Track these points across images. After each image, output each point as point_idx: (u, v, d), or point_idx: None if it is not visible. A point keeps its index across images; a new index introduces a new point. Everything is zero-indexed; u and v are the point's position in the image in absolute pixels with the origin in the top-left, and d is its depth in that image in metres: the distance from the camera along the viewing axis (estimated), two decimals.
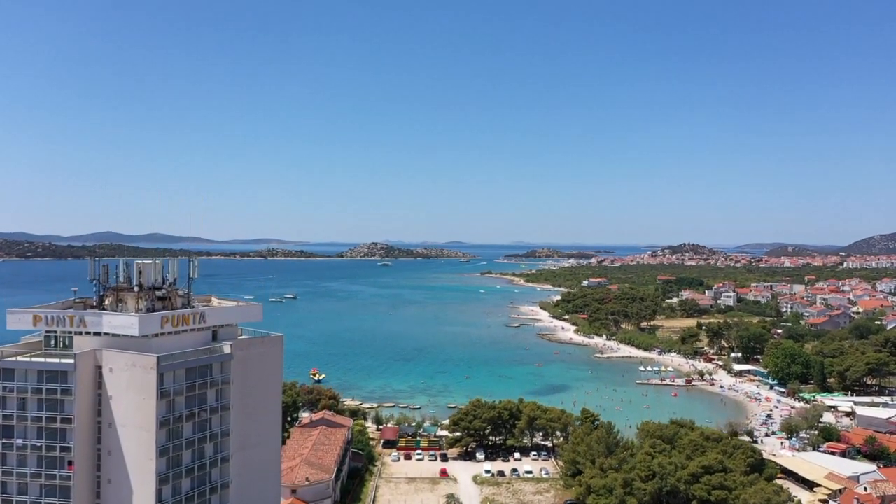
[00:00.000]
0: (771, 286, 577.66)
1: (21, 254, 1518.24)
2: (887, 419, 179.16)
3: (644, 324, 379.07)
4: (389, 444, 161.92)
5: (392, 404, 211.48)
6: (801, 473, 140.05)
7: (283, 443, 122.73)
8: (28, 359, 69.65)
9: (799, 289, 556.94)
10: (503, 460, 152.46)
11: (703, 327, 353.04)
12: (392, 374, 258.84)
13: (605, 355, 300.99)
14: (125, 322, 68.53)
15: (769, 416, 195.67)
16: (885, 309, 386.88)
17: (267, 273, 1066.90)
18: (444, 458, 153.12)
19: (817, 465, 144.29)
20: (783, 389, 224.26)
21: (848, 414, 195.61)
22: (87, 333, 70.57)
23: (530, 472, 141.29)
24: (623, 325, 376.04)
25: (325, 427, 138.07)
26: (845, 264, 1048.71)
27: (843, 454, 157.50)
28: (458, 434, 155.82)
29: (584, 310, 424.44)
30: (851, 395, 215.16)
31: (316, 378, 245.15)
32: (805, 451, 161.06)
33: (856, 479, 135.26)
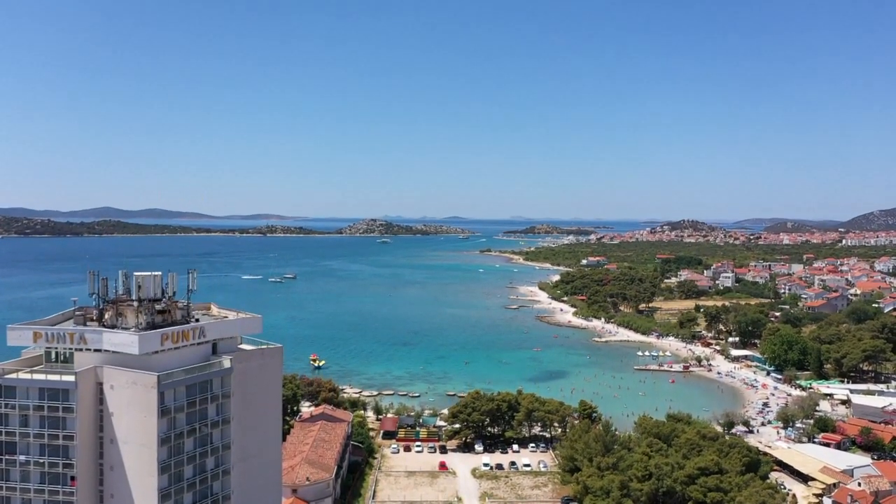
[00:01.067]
0: (769, 265, 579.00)
1: (20, 231, 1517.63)
2: (882, 408, 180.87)
3: (642, 306, 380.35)
4: (389, 436, 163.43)
5: (391, 392, 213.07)
6: (796, 467, 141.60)
7: (284, 439, 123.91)
8: (29, 376, 69.97)
9: (797, 268, 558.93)
10: (502, 452, 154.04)
11: (702, 310, 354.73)
12: (391, 360, 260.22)
13: (603, 339, 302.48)
14: (125, 340, 68.81)
15: (765, 405, 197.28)
16: (882, 291, 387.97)
17: (266, 251, 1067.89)
18: (444, 450, 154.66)
19: (812, 457, 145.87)
20: (780, 376, 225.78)
21: (844, 402, 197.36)
22: (88, 350, 70.83)
23: (528, 466, 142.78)
24: (622, 307, 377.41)
25: (326, 422, 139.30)
26: (844, 242, 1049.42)
27: (839, 445, 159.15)
28: (457, 426, 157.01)
29: (582, 291, 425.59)
30: (848, 383, 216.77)
31: (316, 364, 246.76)
32: (801, 441, 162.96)
33: (850, 472, 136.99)
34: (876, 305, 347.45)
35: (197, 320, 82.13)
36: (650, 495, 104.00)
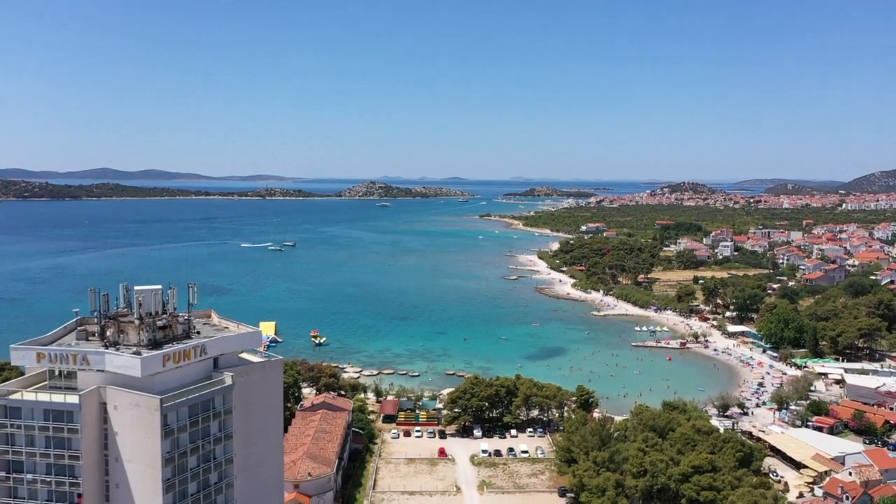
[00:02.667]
0: (769, 233, 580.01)
1: (18, 194, 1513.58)
2: (876, 389, 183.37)
3: (641, 277, 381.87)
4: (389, 419, 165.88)
5: (391, 371, 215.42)
6: (789, 453, 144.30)
7: (285, 429, 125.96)
8: (34, 397, 70.96)
9: (797, 236, 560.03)
10: (500, 437, 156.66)
11: (700, 281, 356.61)
12: (391, 336, 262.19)
13: (601, 313, 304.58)
14: (128, 363, 69.58)
15: (760, 385, 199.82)
16: (880, 262, 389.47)
17: (265, 215, 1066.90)
18: (443, 435, 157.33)
19: (805, 443, 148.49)
20: (776, 354, 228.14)
21: (838, 382, 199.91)
22: (91, 370, 71.73)
23: (526, 452, 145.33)
24: (620, 279, 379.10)
25: (327, 411, 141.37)
26: (844, 206, 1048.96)
27: (831, 429, 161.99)
28: (456, 411, 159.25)
29: (581, 261, 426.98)
30: (842, 361, 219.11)
31: (317, 341, 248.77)
32: (794, 425, 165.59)
33: (841, 460, 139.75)
34: (873, 277, 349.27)
35: (198, 332, 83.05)
36: (645, 492, 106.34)
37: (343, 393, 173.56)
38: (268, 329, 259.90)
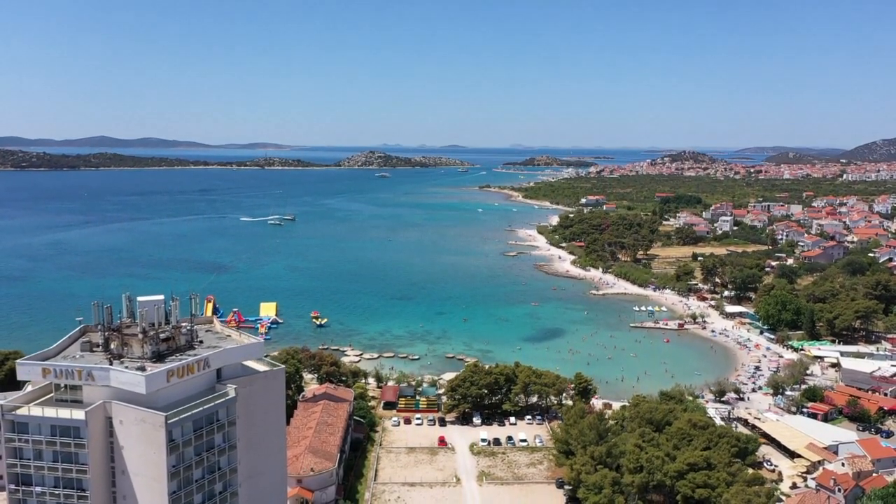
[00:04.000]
0: (768, 206, 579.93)
1: (15, 164, 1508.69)
2: (871, 374, 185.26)
3: (640, 254, 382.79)
4: (390, 406, 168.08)
5: (392, 354, 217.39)
6: (783, 442, 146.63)
7: (287, 421, 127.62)
8: (40, 413, 72.16)
9: (796, 210, 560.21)
10: (499, 424, 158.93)
11: (700, 258, 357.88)
12: (391, 317, 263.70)
13: (600, 292, 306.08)
14: (132, 380, 70.57)
15: (757, 368, 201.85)
16: (879, 239, 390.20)
17: (264, 186, 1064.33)
18: (443, 423, 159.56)
19: (799, 431, 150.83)
20: (773, 336, 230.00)
21: (834, 365, 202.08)
22: (96, 385, 72.86)
23: (525, 441, 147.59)
24: (619, 255, 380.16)
25: (328, 401, 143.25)
26: (845, 176, 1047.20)
27: (826, 416, 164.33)
28: (456, 398, 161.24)
29: (581, 237, 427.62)
30: (839, 344, 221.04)
31: (318, 322, 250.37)
32: (790, 411, 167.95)
33: (835, 449, 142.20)
34: (872, 255, 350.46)
35: (201, 341, 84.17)
36: (641, 488, 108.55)
37: (344, 378, 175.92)
38: (269, 310, 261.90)
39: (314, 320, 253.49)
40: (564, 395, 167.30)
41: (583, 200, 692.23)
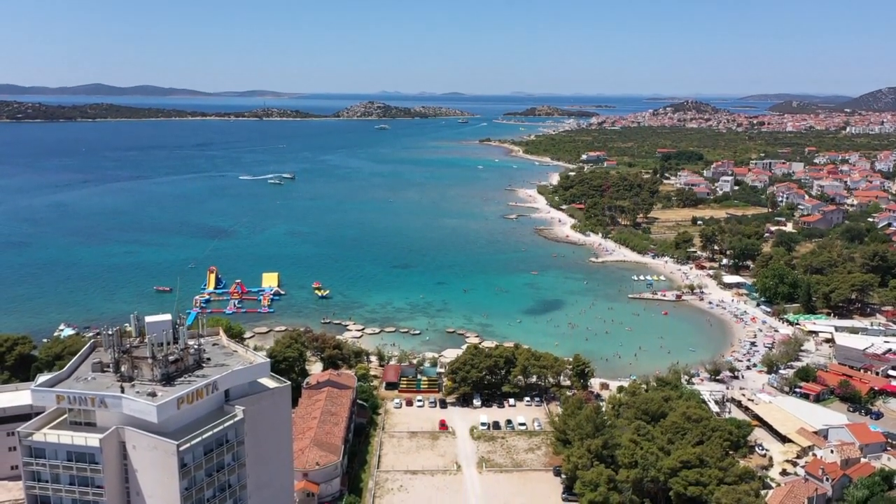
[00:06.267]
0: (770, 164, 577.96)
1: (11, 115, 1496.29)
2: (864, 350, 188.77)
3: (640, 217, 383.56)
4: (391, 386, 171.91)
5: (393, 329, 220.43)
6: (775, 426, 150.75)
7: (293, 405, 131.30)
8: (56, 439, 74.85)
9: (798, 167, 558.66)
10: (498, 406, 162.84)
11: (699, 222, 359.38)
12: (393, 287, 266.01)
13: (600, 259, 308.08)
14: (144, 409, 73.07)
15: (752, 344, 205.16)
16: (879, 202, 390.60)
17: (263, 140, 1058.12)
18: (444, 405, 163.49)
19: (791, 415, 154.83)
20: (769, 309, 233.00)
21: (828, 340, 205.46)
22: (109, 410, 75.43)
23: (524, 425, 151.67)
24: (619, 220, 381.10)
25: (332, 388, 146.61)
26: (848, 129, 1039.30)
27: (818, 397, 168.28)
28: (457, 381, 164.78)
29: (581, 199, 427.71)
30: (834, 317, 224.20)
31: (320, 294, 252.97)
32: (783, 391, 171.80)
33: (825, 433, 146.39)
34: (871, 220, 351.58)
35: (209, 359, 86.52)
36: (636, 483, 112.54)
37: (346, 357, 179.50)
38: (271, 280, 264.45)
39: (316, 291, 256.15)
40: (563, 375, 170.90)
41: (583, 157, 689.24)
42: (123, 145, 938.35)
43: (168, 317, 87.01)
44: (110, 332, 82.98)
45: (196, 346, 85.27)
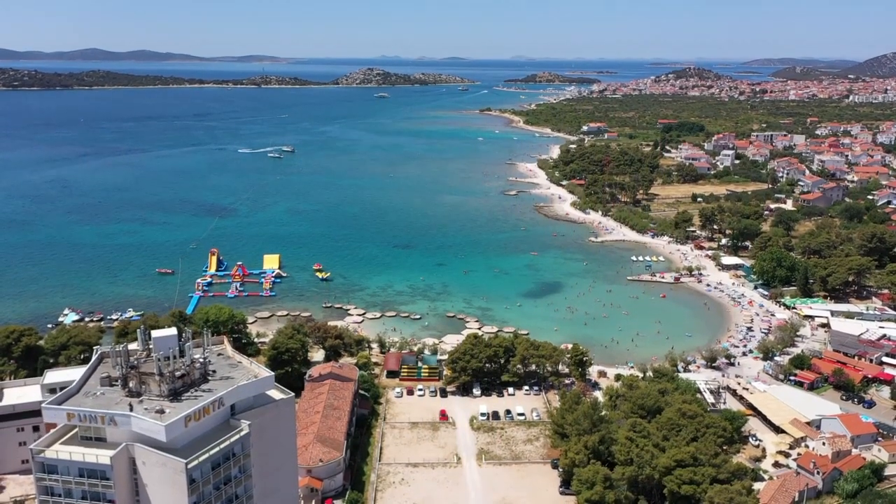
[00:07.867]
0: (771, 136, 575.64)
1: (7, 83, 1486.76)
2: (859, 336, 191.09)
3: (640, 194, 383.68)
4: (392, 374, 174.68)
5: (394, 313, 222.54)
6: (769, 416, 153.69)
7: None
8: (68, 456, 77.20)
9: (799, 140, 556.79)
10: (498, 395, 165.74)
11: (699, 199, 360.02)
12: (393, 269, 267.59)
13: (599, 239, 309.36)
14: (152, 427, 75.23)
15: (749, 329, 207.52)
16: (879, 178, 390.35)
17: (262, 109, 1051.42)
18: (444, 394, 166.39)
19: (784, 404, 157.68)
20: (766, 292, 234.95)
21: (824, 325, 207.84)
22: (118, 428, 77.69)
23: (522, 415, 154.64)
24: (619, 197, 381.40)
25: (334, 381, 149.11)
26: (851, 97, 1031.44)
27: (812, 385, 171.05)
28: (457, 371, 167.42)
29: (581, 174, 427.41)
30: (831, 301, 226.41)
31: (321, 276, 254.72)
32: (777, 378, 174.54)
33: (817, 424, 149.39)
34: (871, 197, 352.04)
35: (214, 371, 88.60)
36: (631, 480, 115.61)
37: (348, 345, 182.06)
38: (272, 262, 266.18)
39: (317, 274, 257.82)
40: (561, 364, 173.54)
41: (584, 128, 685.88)
42: (122, 115, 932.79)
43: (174, 331, 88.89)
44: (118, 349, 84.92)
45: (202, 360, 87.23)
